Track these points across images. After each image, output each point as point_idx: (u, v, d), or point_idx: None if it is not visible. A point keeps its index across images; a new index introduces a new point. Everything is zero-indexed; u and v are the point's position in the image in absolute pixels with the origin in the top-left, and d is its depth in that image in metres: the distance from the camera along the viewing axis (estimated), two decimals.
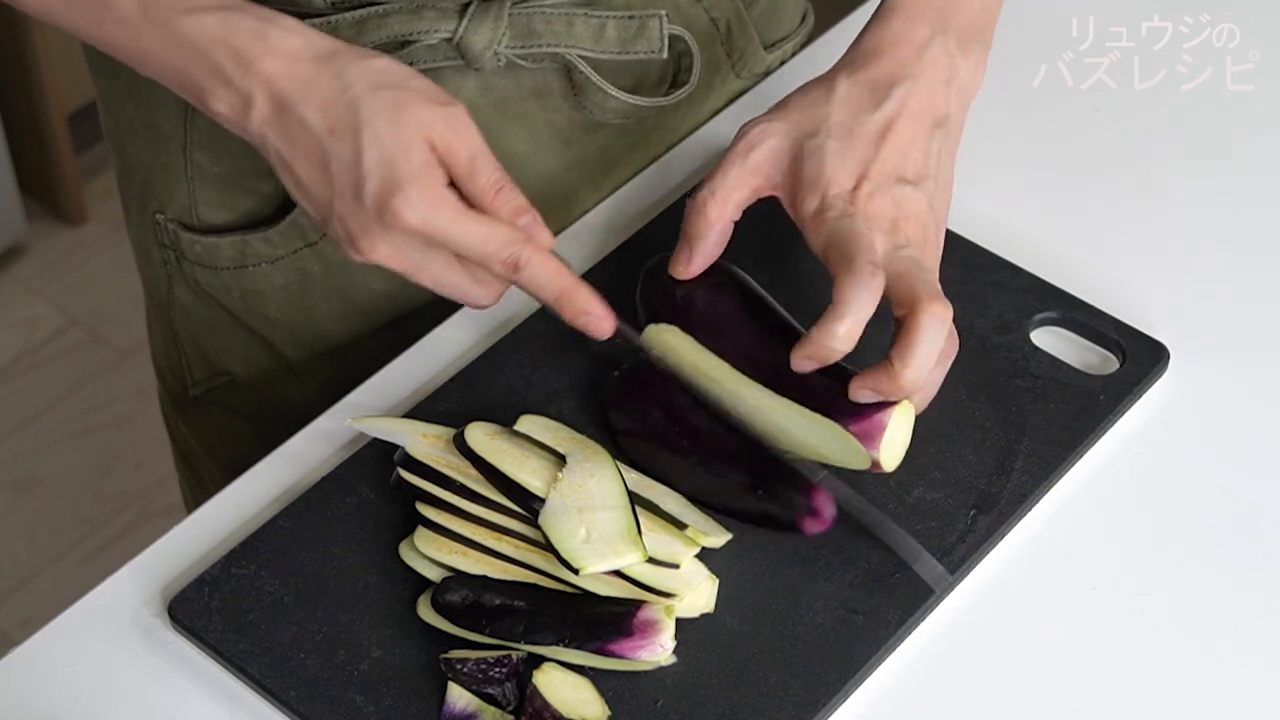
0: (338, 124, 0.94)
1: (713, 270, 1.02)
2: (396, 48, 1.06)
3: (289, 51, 0.96)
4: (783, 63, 1.25)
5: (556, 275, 0.96)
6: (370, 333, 1.18)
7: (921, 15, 1.01)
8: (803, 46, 1.27)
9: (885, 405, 0.95)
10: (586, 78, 1.10)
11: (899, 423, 0.95)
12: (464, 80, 1.09)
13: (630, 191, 1.18)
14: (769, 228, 1.04)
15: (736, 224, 1.01)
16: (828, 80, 1.00)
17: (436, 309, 1.15)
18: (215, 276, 1.17)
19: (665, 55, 1.11)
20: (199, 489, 1.35)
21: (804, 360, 0.94)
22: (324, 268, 1.15)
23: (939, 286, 0.94)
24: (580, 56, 1.09)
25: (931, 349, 0.92)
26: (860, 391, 0.94)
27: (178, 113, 1.12)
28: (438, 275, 0.97)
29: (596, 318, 0.97)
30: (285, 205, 1.13)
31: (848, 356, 0.94)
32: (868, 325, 0.93)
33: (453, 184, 0.96)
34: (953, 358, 0.97)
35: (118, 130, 1.19)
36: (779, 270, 1.07)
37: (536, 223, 0.96)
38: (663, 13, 1.10)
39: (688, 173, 1.18)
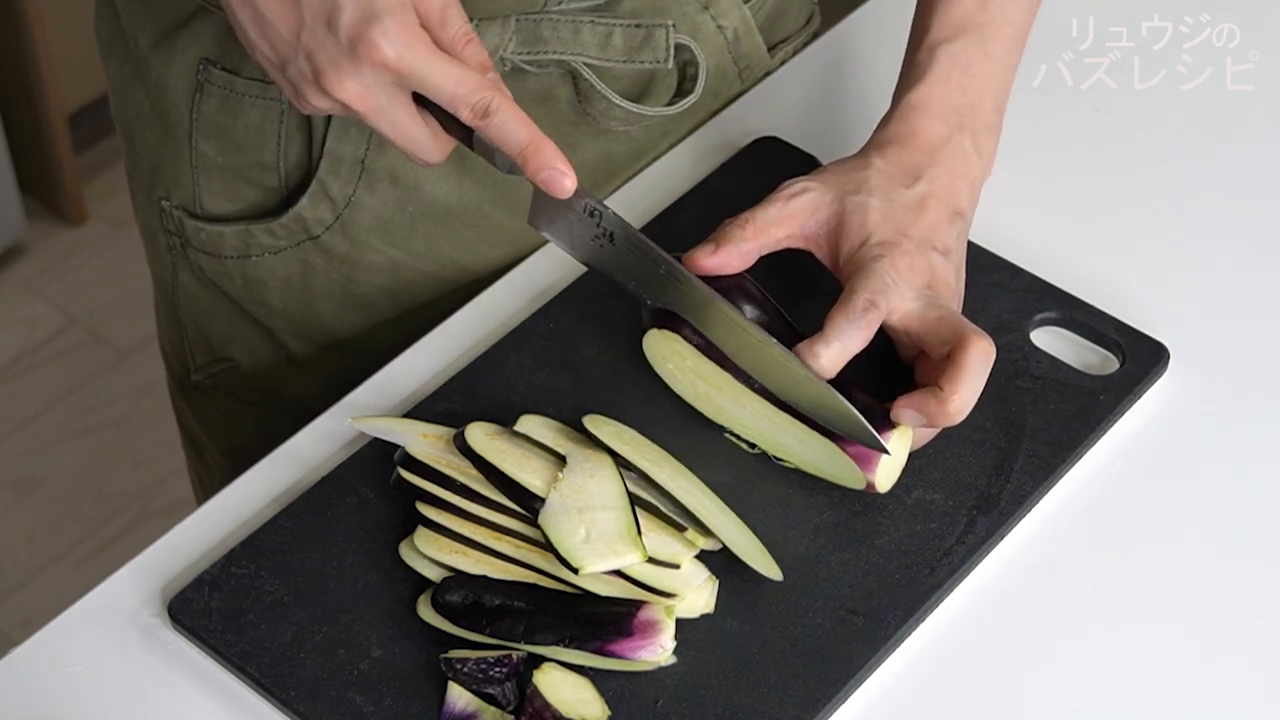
0: None
1: (724, 276, 1.01)
2: None
3: None
4: (783, 62, 1.25)
5: (525, 125, 0.94)
6: (371, 327, 1.19)
7: (939, 115, 1.03)
8: (804, 45, 1.27)
9: (884, 430, 0.95)
10: (591, 85, 1.10)
11: (896, 448, 0.95)
12: None
13: (629, 193, 1.17)
14: (787, 256, 1.04)
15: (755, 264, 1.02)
16: (861, 156, 1.03)
17: (438, 305, 1.15)
18: (219, 264, 1.18)
19: (670, 65, 1.11)
20: (205, 475, 1.36)
21: None
22: (326, 261, 1.15)
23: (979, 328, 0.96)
24: (586, 64, 1.09)
25: (979, 380, 0.95)
26: (904, 413, 0.95)
27: (185, 100, 1.13)
28: (398, 121, 0.95)
29: (559, 173, 0.94)
30: (288, 199, 1.14)
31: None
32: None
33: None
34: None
35: (126, 116, 1.19)
36: (794, 292, 1.07)
37: (500, 81, 0.95)
38: (669, 23, 1.10)
39: (687, 174, 1.18)
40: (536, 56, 1.08)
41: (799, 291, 1.05)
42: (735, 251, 1.00)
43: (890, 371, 1.02)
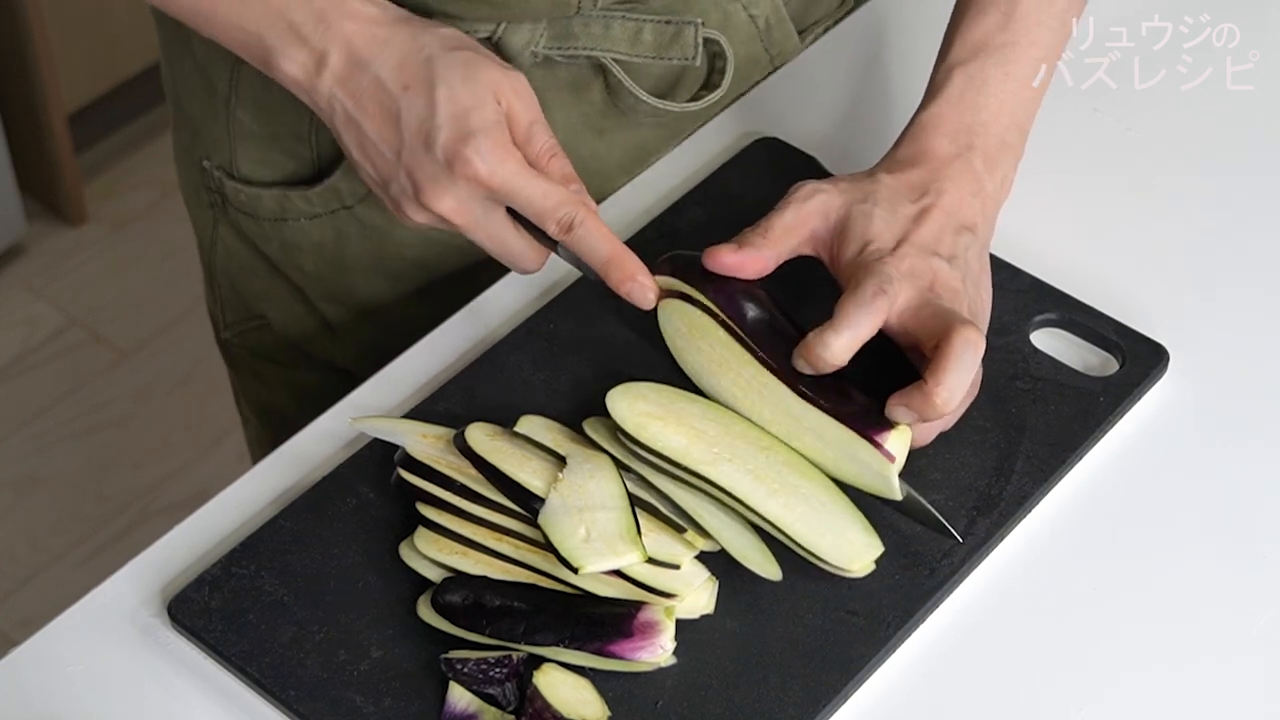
0: (413, 80, 0.98)
1: (736, 280, 1.01)
2: None
3: (366, 15, 1.00)
4: (813, 41, 1.25)
5: (608, 239, 0.98)
6: (402, 298, 1.21)
7: (947, 133, 1.04)
8: (835, 25, 1.27)
9: (883, 429, 0.94)
10: (620, 81, 1.11)
11: (896, 448, 0.95)
12: None
13: (629, 194, 1.17)
14: (792, 262, 1.04)
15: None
16: (871, 172, 1.04)
17: (467, 275, 1.16)
18: (257, 225, 1.21)
19: (699, 63, 1.13)
20: (249, 433, 1.41)
21: (796, 361, 0.96)
22: (359, 230, 1.18)
23: (974, 321, 0.96)
24: (615, 60, 1.10)
25: (965, 371, 0.94)
26: (896, 409, 0.95)
27: (227, 68, 1.16)
28: (494, 232, 1.00)
29: (641, 286, 0.98)
30: (322, 171, 1.16)
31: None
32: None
33: None
34: (972, 398, 0.98)
35: (175, 81, 1.23)
36: (796, 297, 1.07)
37: (584, 191, 1.00)
38: (698, 20, 1.12)
39: (687, 174, 1.18)
40: (566, 51, 1.10)
41: (800, 296, 1.05)
42: (755, 255, 1.00)
43: (890, 374, 1.02)
